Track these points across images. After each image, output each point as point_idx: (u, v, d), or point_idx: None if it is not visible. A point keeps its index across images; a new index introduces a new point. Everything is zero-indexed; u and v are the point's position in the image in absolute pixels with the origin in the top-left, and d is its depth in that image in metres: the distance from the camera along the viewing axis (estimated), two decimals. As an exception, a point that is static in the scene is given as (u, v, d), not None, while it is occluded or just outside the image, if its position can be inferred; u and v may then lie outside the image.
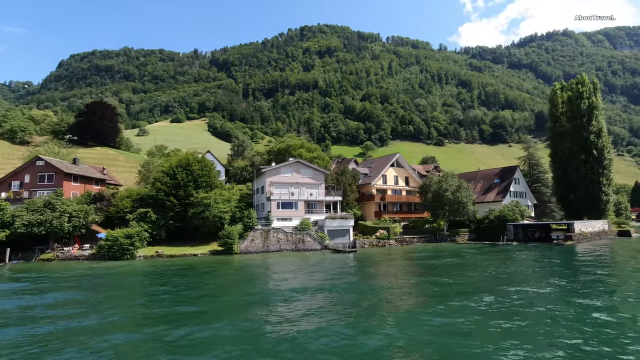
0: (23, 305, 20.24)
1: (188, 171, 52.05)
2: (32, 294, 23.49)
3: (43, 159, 56.45)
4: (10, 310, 19.33)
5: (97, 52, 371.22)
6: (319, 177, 58.11)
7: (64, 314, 18.47)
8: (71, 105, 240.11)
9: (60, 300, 22.00)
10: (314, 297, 20.82)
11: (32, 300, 21.51)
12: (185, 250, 46.91)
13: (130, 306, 20.10)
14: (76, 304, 20.79)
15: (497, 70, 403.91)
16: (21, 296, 22.85)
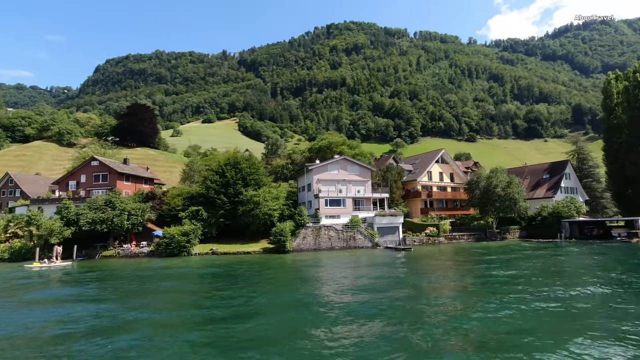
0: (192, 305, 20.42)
1: (237, 169, 52.35)
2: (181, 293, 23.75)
3: (98, 159, 58.40)
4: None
5: (130, 57, 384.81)
6: (365, 174, 57.15)
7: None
8: (108, 108, 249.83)
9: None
10: (402, 301, 19.96)
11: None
12: (237, 248, 47.21)
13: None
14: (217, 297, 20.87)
15: (530, 62, 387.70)
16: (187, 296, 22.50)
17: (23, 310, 18.76)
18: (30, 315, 17.61)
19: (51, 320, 16.61)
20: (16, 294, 23.29)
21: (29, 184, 64.14)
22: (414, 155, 78.80)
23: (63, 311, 18.05)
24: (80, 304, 19.56)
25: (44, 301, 20.84)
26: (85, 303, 19.86)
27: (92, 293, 23.14)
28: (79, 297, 21.81)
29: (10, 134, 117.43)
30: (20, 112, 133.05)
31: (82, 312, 17.65)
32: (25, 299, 21.67)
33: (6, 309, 18.93)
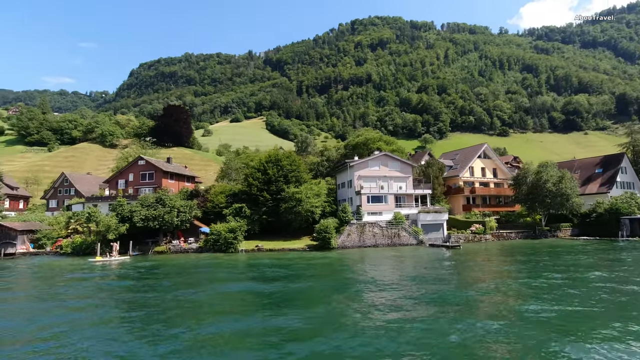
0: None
1: (278, 166, 52.71)
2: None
3: (144, 158, 60.43)
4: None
5: (162, 60, 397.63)
6: (406, 170, 56.15)
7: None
8: (142, 110, 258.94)
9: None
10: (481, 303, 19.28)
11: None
12: (281, 245, 47.54)
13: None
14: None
15: (568, 51, 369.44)
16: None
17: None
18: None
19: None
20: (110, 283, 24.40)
21: (82, 182, 67.36)
22: (453, 151, 76.77)
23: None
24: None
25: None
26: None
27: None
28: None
29: (59, 136, 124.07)
30: (67, 115, 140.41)
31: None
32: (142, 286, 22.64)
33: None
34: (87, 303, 19.62)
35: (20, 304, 20.65)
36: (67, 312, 17.83)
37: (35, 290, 24.40)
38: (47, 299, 21.19)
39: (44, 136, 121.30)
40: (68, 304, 19.75)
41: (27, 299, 21.76)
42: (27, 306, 19.75)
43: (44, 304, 19.88)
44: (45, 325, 15.47)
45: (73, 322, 15.71)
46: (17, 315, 17.69)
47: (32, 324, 15.72)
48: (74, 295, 22.16)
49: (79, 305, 19.15)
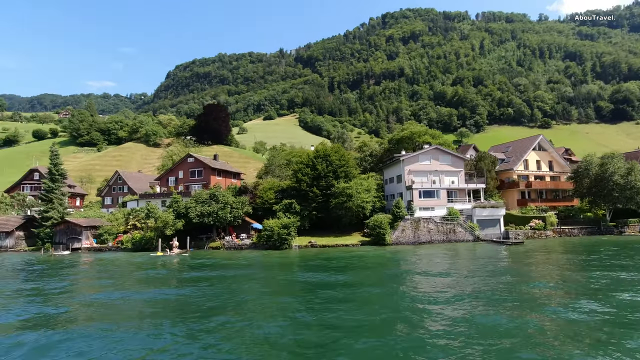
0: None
1: (327, 161, 52.14)
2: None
3: (193, 156, 61.74)
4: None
5: (196, 61, 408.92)
6: (458, 164, 54.01)
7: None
8: (179, 111, 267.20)
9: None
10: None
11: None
12: (334, 241, 47.07)
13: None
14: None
15: (616, 35, 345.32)
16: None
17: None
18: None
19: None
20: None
21: (134, 180, 69.95)
22: (504, 143, 73.29)
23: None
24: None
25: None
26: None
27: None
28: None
29: (106, 137, 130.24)
30: (113, 117, 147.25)
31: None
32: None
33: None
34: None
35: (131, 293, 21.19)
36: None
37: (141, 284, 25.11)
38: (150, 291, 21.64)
39: (93, 137, 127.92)
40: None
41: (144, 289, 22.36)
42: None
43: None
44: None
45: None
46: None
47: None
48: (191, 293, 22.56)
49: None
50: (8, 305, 18.46)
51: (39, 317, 15.95)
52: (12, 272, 31.44)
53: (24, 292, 22.09)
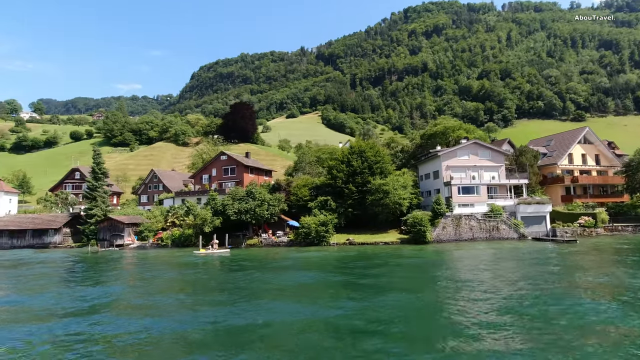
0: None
1: (362, 157, 51.29)
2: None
3: (226, 153, 62.23)
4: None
5: (220, 62, 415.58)
6: (498, 159, 52.06)
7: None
8: (203, 111, 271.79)
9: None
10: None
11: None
12: (372, 238, 46.30)
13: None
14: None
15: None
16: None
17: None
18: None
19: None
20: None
21: (168, 178, 71.35)
22: (545, 137, 70.21)
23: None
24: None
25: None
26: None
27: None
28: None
29: (138, 137, 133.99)
30: (144, 117, 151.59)
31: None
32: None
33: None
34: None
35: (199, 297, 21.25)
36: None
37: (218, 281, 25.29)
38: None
39: (126, 137, 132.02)
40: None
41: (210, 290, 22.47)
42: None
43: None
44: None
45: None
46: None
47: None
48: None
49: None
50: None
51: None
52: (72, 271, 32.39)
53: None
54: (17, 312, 16.64)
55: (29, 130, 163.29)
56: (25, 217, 55.85)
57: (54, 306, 17.43)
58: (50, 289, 22.12)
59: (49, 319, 15.08)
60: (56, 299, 18.99)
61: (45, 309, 16.91)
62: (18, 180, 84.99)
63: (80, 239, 51.64)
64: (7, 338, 12.69)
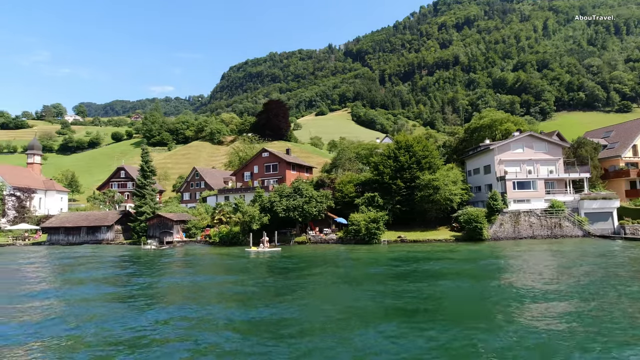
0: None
1: (410, 152, 49.64)
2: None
3: (268, 150, 62.12)
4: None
5: (249, 61, 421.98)
6: (555, 152, 48.98)
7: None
8: (234, 110, 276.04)
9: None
10: None
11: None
12: (424, 235, 44.77)
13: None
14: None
15: None
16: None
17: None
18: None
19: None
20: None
21: (209, 176, 72.31)
22: (604, 127, 65.79)
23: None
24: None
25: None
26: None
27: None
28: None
29: (174, 136, 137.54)
30: (180, 117, 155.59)
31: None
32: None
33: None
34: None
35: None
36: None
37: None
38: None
39: (163, 137, 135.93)
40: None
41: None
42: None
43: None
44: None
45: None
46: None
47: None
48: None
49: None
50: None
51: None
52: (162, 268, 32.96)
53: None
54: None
55: (73, 132, 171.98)
56: (79, 215, 58.07)
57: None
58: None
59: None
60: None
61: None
62: (67, 180, 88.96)
63: (131, 236, 53.01)
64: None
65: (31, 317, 15.25)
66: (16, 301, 18.40)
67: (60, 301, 18.26)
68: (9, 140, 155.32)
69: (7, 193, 62.73)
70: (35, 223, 61.80)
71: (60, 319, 14.92)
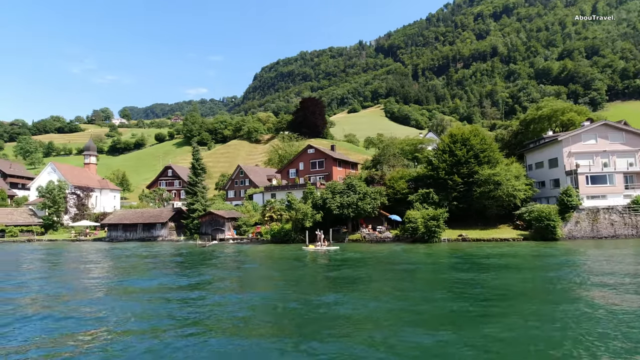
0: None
1: (467, 146, 46.94)
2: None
3: (314, 147, 61.23)
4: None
5: (280, 61, 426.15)
6: (634, 143, 44.62)
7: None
8: (266, 110, 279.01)
9: None
10: None
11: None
12: (485, 234, 42.13)
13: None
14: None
15: None
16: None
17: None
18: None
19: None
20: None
21: (253, 173, 72.56)
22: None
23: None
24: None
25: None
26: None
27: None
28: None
29: (213, 136, 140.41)
30: (218, 117, 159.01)
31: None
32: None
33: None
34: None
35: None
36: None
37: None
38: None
39: (203, 137, 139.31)
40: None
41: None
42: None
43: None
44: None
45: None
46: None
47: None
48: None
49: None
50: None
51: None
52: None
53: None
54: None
55: (120, 134, 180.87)
56: (135, 212, 59.87)
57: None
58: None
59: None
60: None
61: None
62: (118, 179, 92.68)
63: (184, 233, 53.83)
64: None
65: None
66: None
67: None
68: (65, 143, 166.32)
69: (69, 192, 65.85)
70: (93, 220, 64.53)
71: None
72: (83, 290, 20.07)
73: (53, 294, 19.10)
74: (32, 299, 17.86)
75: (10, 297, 18.31)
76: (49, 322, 13.47)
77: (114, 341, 11.35)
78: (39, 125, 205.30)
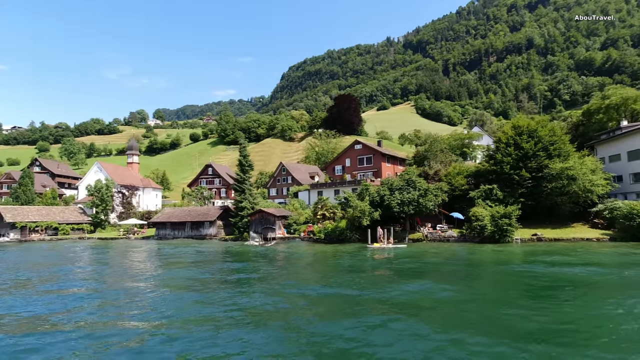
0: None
1: (534, 138, 43.45)
2: None
3: (361, 142, 59.19)
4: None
5: (307, 60, 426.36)
6: None
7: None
8: (295, 108, 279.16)
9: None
10: None
11: None
12: (561, 233, 38.71)
13: None
14: None
15: None
16: None
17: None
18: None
19: None
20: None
21: (296, 171, 71.22)
22: None
23: None
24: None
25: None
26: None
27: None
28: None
29: (247, 135, 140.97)
30: (250, 116, 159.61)
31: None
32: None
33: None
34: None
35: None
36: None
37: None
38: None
39: (237, 136, 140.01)
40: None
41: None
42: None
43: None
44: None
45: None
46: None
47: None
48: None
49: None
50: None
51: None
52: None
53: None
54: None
55: (156, 135, 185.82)
56: (182, 210, 59.81)
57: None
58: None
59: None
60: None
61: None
62: (158, 178, 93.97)
63: (232, 231, 53.04)
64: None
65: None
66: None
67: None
68: (105, 144, 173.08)
69: (116, 190, 66.81)
70: (139, 218, 65.07)
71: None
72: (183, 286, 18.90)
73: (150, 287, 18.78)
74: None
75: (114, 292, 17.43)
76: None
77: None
78: (81, 127, 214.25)
